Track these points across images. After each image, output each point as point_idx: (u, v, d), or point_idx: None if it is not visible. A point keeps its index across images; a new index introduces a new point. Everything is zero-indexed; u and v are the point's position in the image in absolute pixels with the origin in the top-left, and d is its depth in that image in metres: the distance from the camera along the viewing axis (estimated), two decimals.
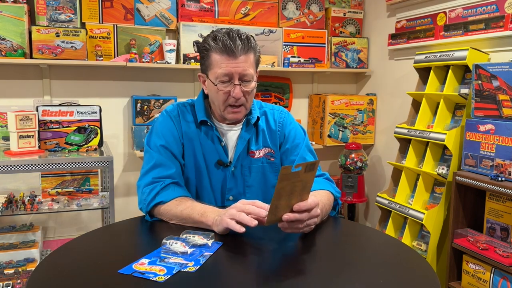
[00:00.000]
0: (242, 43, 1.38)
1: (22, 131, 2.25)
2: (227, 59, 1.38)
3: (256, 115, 1.53)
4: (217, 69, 1.39)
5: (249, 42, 1.40)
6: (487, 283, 2.05)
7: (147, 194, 1.39)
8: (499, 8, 2.30)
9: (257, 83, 1.49)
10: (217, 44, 1.38)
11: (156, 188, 1.39)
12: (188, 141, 1.50)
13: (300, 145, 1.55)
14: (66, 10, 2.62)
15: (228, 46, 1.36)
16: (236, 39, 1.38)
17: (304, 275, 1.02)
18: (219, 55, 1.39)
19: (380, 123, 3.30)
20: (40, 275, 1.01)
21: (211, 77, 1.43)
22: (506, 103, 2.03)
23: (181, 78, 3.01)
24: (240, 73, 1.39)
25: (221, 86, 1.41)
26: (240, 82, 1.40)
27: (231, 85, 1.40)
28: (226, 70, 1.38)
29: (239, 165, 1.51)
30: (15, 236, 2.52)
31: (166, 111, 1.54)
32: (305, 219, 1.16)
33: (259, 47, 1.47)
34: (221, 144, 1.50)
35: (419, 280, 1.02)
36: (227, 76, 1.39)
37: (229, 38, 1.38)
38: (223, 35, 1.39)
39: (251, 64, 1.42)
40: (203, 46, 1.43)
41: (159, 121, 1.52)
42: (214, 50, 1.39)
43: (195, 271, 1.00)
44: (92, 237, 1.27)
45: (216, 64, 1.40)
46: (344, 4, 3.35)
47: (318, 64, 3.19)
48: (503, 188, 1.94)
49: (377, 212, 2.92)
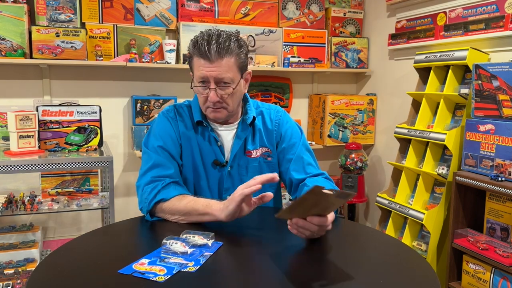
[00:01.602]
0: (218, 47, 1.36)
1: (22, 131, 2.25)
2: (204, 63, 1.39)
3: (252, 115, 1.53)
4: (196, 72, 1.42)
5: (227, 45, 1.38)
6: (487, 283, 2.05)
7: (148, 193, 1.39)
8: (499, 8, 2.30)
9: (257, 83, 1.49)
10: (195, 48, 1.39)
11: (158, 187, 1.39)
12: (186, 141, 1.51)
13: (297, 144, 1.56)
14: (66, 10, 2.62)
15: (202, 51, 1.37)
16: (213, 43, 1.36)
17: (304, 275, 1.02)
18: (197, 59, 1.40)
19: (380, 123, 3.30)
20: (40, 275, 1.01)
21: (194, 79, 1.45)
22: (506, 103, 2.03)
23: (181, 78, 3.01)
24: (215, 77, 1.39)
25: (199, 89, 1.43)
26: (215, 87, 1.41)
27: (207, 89, 1.42)
28: (201, 73, 1.40)
29: (236, 165, 1.52)
30: (15, 236, 2.52)
31: (163, 112, 1.55)
32: (314, 230, 1.16)
33: (245, 48, 1.45)
34: (217, 144, 1.51)
35: (419, 280, 1.02)
36: (203, 79, 1.41)
37: (207, 42, 1.37)
38: (202, 39, 1.38)
39: (230, 67, 1.40)
40: (188, 49, 1.45)
41: (157, 123, 1.53)
42: (194, 54, 1.41)
43: (195, 271, 1.00)
44: (92, 237, 1.27)
45: (196, 67, 1.42)
46: (344, 4, 3.35)
47: (318, 64, 3.19)
48: (503, 188, 1.94)
49: (377, 212, 2.92)
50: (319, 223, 1.13)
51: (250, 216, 1.49)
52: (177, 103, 1.58)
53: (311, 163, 1.54)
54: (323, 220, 1.14)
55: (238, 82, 1.44)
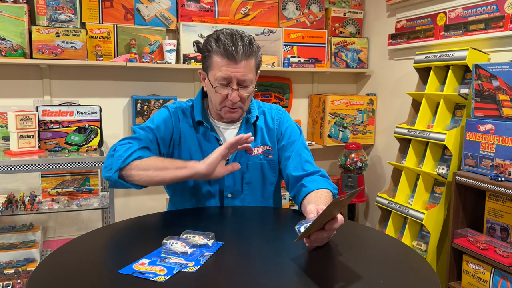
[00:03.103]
0: (244, 49, 1.38)
1: (22, 131, 2.25)
2: (228, 63, 1.38)
3: (256, 114, 1.55)
4: (217, 72, 1.40)
5: (251, 47, 1.40)
6: (487, 283, 2.05)
7: (124, 151, 1.37)
8: (499, 8, 2.30)
9: (257, 83, 1.50)
10: (219, 47, 1.38)
11: (134, 147, 1.39)
12: (185, 140, 1.52)
13: (296, 142, 1.57)
14: (66, 10, 2.62)
15: (229, 51, 1.37)
16: (239, 43, 1.37)
17: (304, 275, 1.02)
18: (220, 58, 1.39)
19: (380, 123, 3.30)
20: (40, 275, 1.01)
21: (211, 78, 1.43)
22: (506, 103, 2.03)
23: (181, 78, 3.01)
24: (239, 78, 1.40)
25: (219, 89, 1.42)
26: (238, 87, 1.41)
27: (229, 89, 1.41)
28: (225, 74, 1.39)
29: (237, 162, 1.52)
30: (15, 236, 2.52)
31: (166, 106, 1.57)
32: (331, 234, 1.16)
33: (261, 50, 1.48)
34: (218, 142, 1.51)
35: (419, 280, 1.02)
36: (225, 80, 1.40)
37: (232, 42, 1.37)
38: (226, 38, 1.38)
39: (251, 69, 1.43)
40: (205, 46, 1.43)
41: (157, 113, 1.55)
42: (216, 52, 1.39)
43: (196, 271, 1.00)
44: (92, 237, 1.27)
45: (217, 66, 1.40)
46: (344, 4, 3.35)
47: (318, 64, 3.19)
48: (503, 188, 1.94)
49: (377, 212, 2.92)
50: (339, 224, 1.13)
51: (250, 216, 1.50)
52: (181, 102, 1.59)
53: (309, 161, 1.55)
54: (341, 220, 1.13)
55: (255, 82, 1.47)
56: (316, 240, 1.13)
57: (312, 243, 1.14)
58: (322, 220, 1.08)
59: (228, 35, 1.40)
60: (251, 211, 1.53)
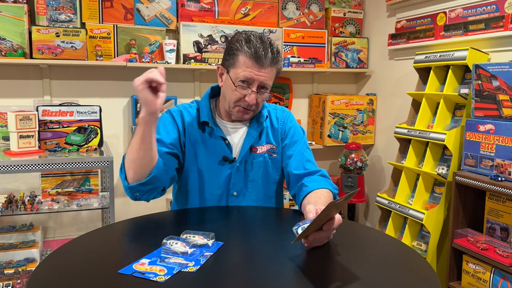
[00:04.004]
0: (272, 56, 1.42)
1: (22, 131, 2.25)
2: (254, 65, 1.41)
3: (265, 114, 1.58)
4: (241, 71, 1.42)
5: (278, 56, 1.44)
6: (487, 283, 2.05)
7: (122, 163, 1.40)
8: (499, 8, 2.30)
9: None
10: (249, 49, 1.40)
11: None
12: (191, 140, 1.53)
13: (299, 142, 1.59)
14: (66, 10, 2.62)
15: (259, 54, 1.40)
16: (268, 50, 1.41)
17: (304, 275, 1.02)
18: (247, 59, 1.41)
19: (380, 123, 3.30)
20: (40, 275, 1.01)
21: (232, 75, 1.45)
22: (506, 103, 2.03)
23: (181, 78, 3.01)
24: (261, 82, 1.43)
25: (239, 88, 1.44)
26: (257, 91, 1.44)
27: (249, 90, 1.43)
28: (250, 75, 1.41)
29: (243, 161, 1.55)
30: (15, 236, 2.52)
31: (169, 110, 1.57)
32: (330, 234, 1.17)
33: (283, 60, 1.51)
34: (225, 142, 1.53)
35: (419, 280, 1.02)
36: (248, 80, 1.42)
37: (263, 47, 1.41)
38: (257, 41, 1.41)
39: (272, 76, 1.47)
40: (234, 45, 1.44)
41: (160, 118, 1.54)
42: (245, 53, 1.41)
43: (196, 271, 1.00)
44: (92, 237, 1.27)
45: (242, 66, 1.42)
46: (344, 4, 3.35)
47: (318, 64, 3.19)
48: (503, 188, 1.94)
49: (377, 212, 2.92)
50: (337, 225, 1.14)
51: (251, 216, 1.50)
52: (186, 103, 1.60)
53: (310, 160, 1.57)
54: (339, 220, 1.14)
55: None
56: (314, 240, 1.13)
57: (310, 243, 1.14)
58: (319, 221, 1.08)
59: (258, 38, 1.43)
60: (251, 211, 1.53)
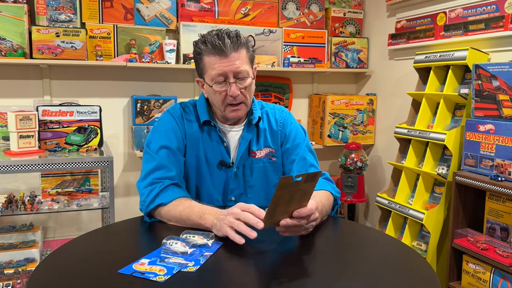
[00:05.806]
0: (231, 41, 1.39)
1: (22, 131, 2.25)
2: (219, 59, 1.39)
3: (258, 115, 1.53)
4: (211, 71, 1.40)
5: (238, 39, 1.41)
6: (487, 283, 2.05)
7: (146, 196, 1.38)
8: (499, 8, 2.30)
9: (255, 81, 1.50)
10: (207, 46, 1.39)
11: (155, 190, 1.38)
12: (191, 142, 1.50)
13: (301, 145, 1.55)
14: (66, 10, 2.62)
15: (217, 46, 1.37)
16: (225, 38, 1.38)
17: (304, 275, 1.02)
18: (210, 57, 1.40)
19: (380, 123, 3.30)
20: (40, 275, 1.01)
21: (207, 80, 1.43)
22: (506, 103, 2.03)
23: (181, 78, 3.01)
24: (234, 71, 1.40)
25: (217, 87, 1.41)
26: (235, 80, 1.41)
27: (227, 84, 1.41)
28: (219, 70, 1.39)
29: (241, 166, 1.52)
30: (15, 236, 2.52)
31: (169, 110, 1.53)
32: (303, 224, 1.15)
33: (251, 43, 1.48)
34: (223, 144, 1.50)
35: (419, 280, 1.02)
36: (221, 76, 1.40)
37: (218, 38, 1.38)
38: (212, 37, 1.39)
39: (244, 60, 1.43)
40: (195, 51, 1.44)
41: (162, 120, 1.52)
42: (205, 53, 1.40)
43: (195, 271, 1.00)
44: (92, 237, 1.27)
45: (209, 66, 1.41)
46: (344, 4, 3.35)
47: (318, 64, 3.19)
48: (503, 188, 1.94)
49: (377, 212, 2.92)
50: (308, 213, 1.13)
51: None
52: (182, 102, 1.57)
53: (314, 164, 1.54)
54: (305, 211, 1.13)
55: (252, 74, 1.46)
56: (288, 229, 1.14)
57: (283, 232, 1.15)
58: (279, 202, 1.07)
59: (214, 34, 1.41)
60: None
